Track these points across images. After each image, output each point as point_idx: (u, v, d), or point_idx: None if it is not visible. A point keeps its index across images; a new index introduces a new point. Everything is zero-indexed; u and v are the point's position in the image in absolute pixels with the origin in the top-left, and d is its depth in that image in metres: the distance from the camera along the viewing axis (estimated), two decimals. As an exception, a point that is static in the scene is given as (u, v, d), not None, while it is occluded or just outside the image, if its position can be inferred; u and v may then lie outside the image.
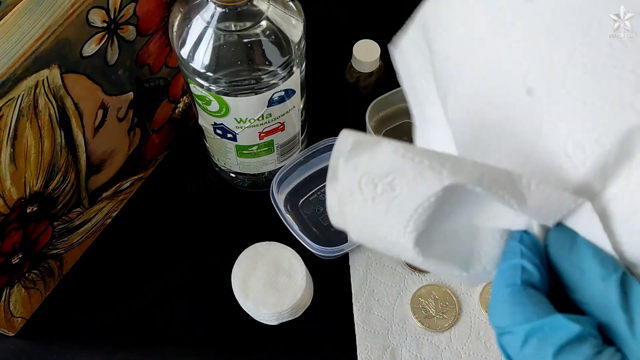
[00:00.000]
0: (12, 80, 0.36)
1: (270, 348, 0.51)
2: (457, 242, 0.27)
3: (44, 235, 0.48)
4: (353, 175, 0.25)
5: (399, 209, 0.25)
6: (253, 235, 0.53)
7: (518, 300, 0.24)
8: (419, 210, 0.24)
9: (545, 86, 0.24)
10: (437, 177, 0.23)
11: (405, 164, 0.24)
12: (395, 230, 0.25)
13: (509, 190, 0.23)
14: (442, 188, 0.24)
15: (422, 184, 0.24)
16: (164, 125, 0.56)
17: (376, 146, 0.24)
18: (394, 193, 0.24)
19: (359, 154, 0.24)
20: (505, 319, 0.25)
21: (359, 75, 0.59)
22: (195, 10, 0.43)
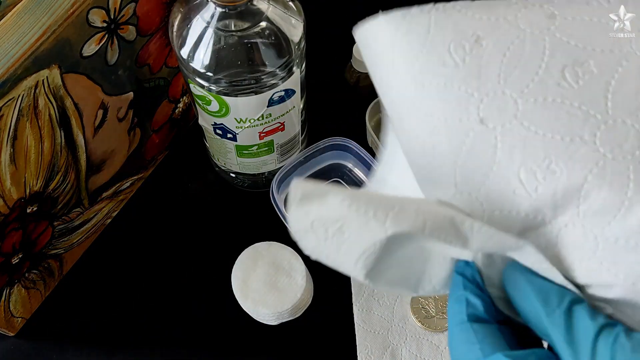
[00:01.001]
0: (12, 80, 0.36)
1: (270, 348, 0.51)
2: (408, 266, 0.28)
3: (44, 235, 0.48)
4: (305, 219, 0.26)
5: (348, 250, 0.26)
6: (253, 235, 0.53)
7: (466, 338, 0.26)
8: (366, 253, 0.26)
9: (498, 116, 0.26)
10: (381, 227, 0.25)
11: (350, 214, 0.25)
12: (347, 264, 0.27)
13: (451, 234, 0.25)
14: (386, 237, 0.25)
15: (367, 232, 0.25)
16: (164, 125, 0.56)
17: (325, 197, 0.26)
18: (344, 236, 0.26)
19: (309, 202, 0.26)
20: (458, 358, 0.26)
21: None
22: (195, 10, 0.43)
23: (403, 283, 0.29)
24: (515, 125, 0.25)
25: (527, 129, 0.25)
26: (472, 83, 0.26)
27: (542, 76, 0.26)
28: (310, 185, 0.26)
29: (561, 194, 0.25)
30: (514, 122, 0.25)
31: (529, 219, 0.25)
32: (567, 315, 0.24)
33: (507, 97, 0.26)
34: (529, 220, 0.25)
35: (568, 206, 0.25)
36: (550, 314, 0.24)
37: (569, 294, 0.25)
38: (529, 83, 0.26)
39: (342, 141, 0.56)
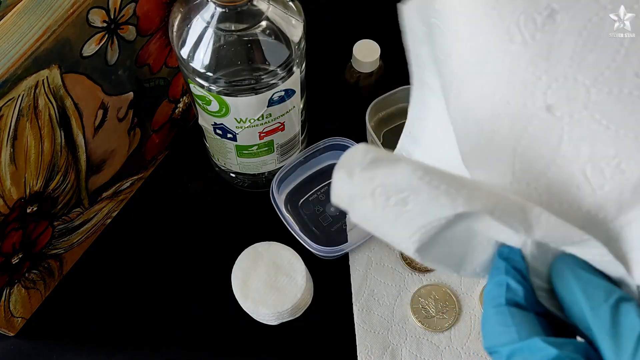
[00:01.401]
0: (12, 80, 0.36)
1: (270, 348, 0.51)
2: (454, 245, 0.27)
3: (44, 235, 0.48)
4: (368, 184, 0.25)
5: (407, 222, 0.25)
6: (253, 235, 0.53)
7: (502, 320, 0.26)
8: (427, 227, 0.25)
9: (567, 105, 0.24)
10: (452, 203, 0.24)
11: (421, 186, 0.24)
12: (399, 237, 0.26)
13: (518, 220, 0.24)
14: (454, 214, 0.24)
15: (436, 207, 0.24)
16: (164, 125, 0.56)
17: (395, 164, 0.24)
18: (406, 207, 0.25)
19: (377, 167, 0.24)
20: (491, 339, 0.26)
21: (359, 75, 0.59)
22: (195, 10, 0.43)
23: (447, 261, 0.28)
24: (585, 116, 0.23)
25: (599, 122, 0.23)
26: (540, 65, 0.24)
27: (620, 64, 0.23)
28: (380, 150, 0.25)
29: (629, 194, 0.23)
30: (583, 113, 0.23)
31: (590, 215, 0.24)
32: (613, 310, 0.24)
33: (578, 84, 0.23)
34: (590, 217, 0.24)
35: (635, 205, 0.23)
36: (596, 308, 0.24)
37: (617, 291, 0.24)
38: (605, 70, 0.23)
39: (342, 141, 0.56)
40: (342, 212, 0.56)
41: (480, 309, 0.52)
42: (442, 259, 0.27)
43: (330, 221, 0.56)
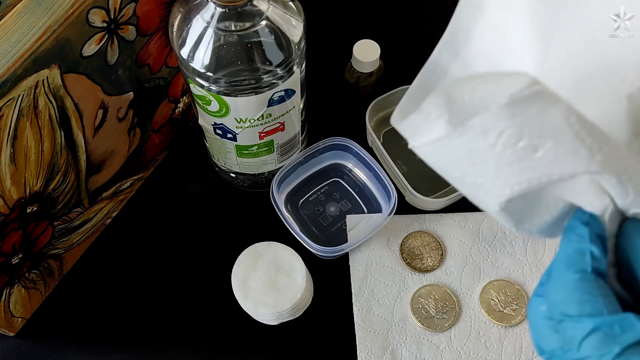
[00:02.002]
0: (12, 80, 0.36)
1: (270, 348, 0.51)
2: (525, 200, 0.26)
3: (44, 235, 0.48)
4: (505, 121, 0.22)
5: (522, 170, 0.23)
6: (253, 235, 0.53)
7: (588, 289, 0.24)
8: (543, 179, 0.23)
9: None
10: (589, 160, 0.22)
11: (568, 135, 0.22)
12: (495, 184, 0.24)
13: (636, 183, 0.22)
14: (585, 171, 0.22)
15: (571, 161, 0.22)
16: (164, 125, 0.56)
17: (551, 106, 0.22)
18: (534, 154, 0.23)
19: (528, 104, 0.22)
20: (572, 308, 0.24)
21: (359, 75, 0.59)
22: (195, 10, 0.43)
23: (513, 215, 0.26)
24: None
25: None
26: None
27: None
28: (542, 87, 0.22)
29: None
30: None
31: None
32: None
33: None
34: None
35: None
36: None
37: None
38: None
39: (342, 141, 0.56)
40: (342, 212, 0.56)
41: (480, 310, 0.52)
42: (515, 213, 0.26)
43: (330, 221, 0.56)
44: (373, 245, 0.55)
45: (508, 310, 0.52)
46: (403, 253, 0.54)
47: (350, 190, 0.58)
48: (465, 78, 0.24)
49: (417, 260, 0.54)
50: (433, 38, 0.76)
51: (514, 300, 0.52)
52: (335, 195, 0.57)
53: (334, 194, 0.58)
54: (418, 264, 0.54)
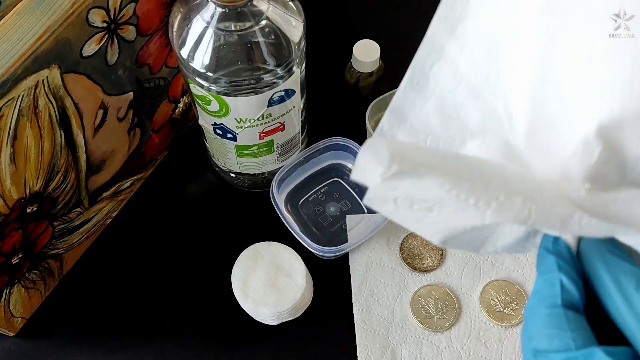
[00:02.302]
0: (12, 80, 0.36)
1: (270, 348, 0.51)
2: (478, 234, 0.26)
3: (44, 235, 0.48)
4: (390, 192, 0.24)
5: (431, 225, 0.25)
6: (253, 235, 0.53)
7: (557, 324, 0.24)
8: (452, 232, 0.25)
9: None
10: (480, 215, 0.23)
11: (448, 199, 0.24)
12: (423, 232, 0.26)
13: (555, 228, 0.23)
14: (482, 225, 0.24)
15: (463, 217, 0.24)
16: (164, 125, 0.56)
17: (421, 177, 0.24)
18: (431, 214, 0.24)
19: (401, 179, 0.24)
20: (542, 343, 0.24)
21: (359, 75, 0.59)
22: (195, 10, 0.43)
23: (469, 245, 0.27)
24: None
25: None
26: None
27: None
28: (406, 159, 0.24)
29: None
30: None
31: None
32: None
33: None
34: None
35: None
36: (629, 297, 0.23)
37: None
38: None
39: (342, 141, 0.56)
40: (342, 212, 0.56)
41: (480, 310, 0.52)
42: (464, 244, 0.27)
43: (330, 221, 0.56)
44: (373, 245, 0.55)
45: (508, 310, 0.52)
46: (403, 253, 0.54)
47: (350, 190, 0.58)
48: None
49: (417, 260, 0.54)
50: (433, 38, 0.75)
51: (514, 300, 0.52)
52: (335, 195, 0.57)
53: (334, 194, 0.58)
54: (418, 264, 0.54)
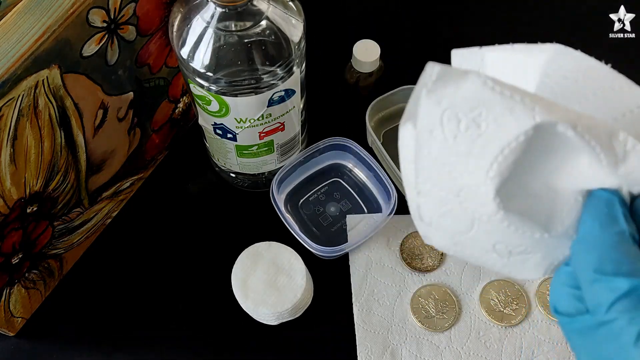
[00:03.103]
0: (12, 80, 0.36)
1: (270, 348, 0.51)
2: (538, 200, 0.25)
3: (44, 235, 0.48)
4: (435, 109, 0.23)
5: (482, 149, 0.23)
6: (253, 235, 0.53)
7: (626, 250, 0.23)
8: (505, 151, 0.23)
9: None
10: (529, 113, 0.22)
11: (494, 98, 0.22)
12: (476, 175, 0.23)
13: (602, 142, 0.22)
14: (533, 126, 0.22)
15: (512, 120, 0.22)
16: (164, 125, 0.56)
17: (463, 78, 0.22)
18: (479, 130, 0.23)
19: (443, 85, 0.22)
20: (608, 265, 0.23)
21: (359, 75, 0.59)
22: (195, 10, 0.43)
23: (535, 217, 0.25)
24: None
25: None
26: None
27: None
28: (447, 66, 0.23)
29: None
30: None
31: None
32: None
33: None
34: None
35: None
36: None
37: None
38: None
39: (342, 141, 0.56)
40: (342, 212, 0.56)
41: (480, 309, 0.52)
42: (527, 212, 0.25)
43: (330, 221, 0.56)
44: (373, 245, 0.55)
45: (508, 310, 0.52)
46: (403, 253, 0.54)
47: (350, 190, 0.58)
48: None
49: (417, 260, 0.54)
50: (433, 38, 0.76)
51: (514, 300, 0.52)
52: (335, 195, 0.57)
53: (334, 194, 0.58)
54: (418, 264, 0.54)
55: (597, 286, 0.23)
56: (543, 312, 0.51)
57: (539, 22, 0.68)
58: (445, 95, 0.22)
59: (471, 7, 0.70)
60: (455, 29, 0.68)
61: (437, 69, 0.22)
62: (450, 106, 0.23)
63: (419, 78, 0.23)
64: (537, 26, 0.68)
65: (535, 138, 0.22)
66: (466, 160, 0.23)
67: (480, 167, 0.23)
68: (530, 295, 0.52)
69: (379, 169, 0.55)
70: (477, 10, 0.70)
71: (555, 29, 0.68)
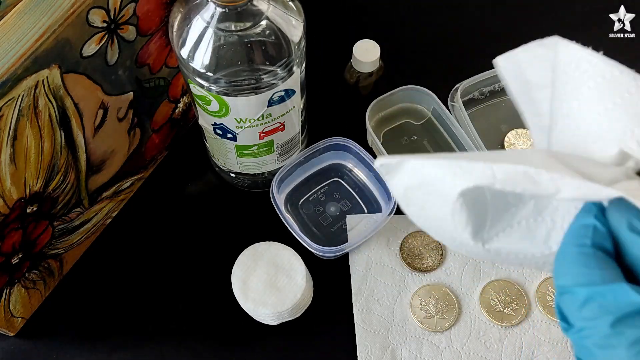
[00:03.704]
0: (12, 80, 0.36)
1: (270, 348, 0.51)
2: (533, 222, 0.27)
3: (43, 235, 0.48)
4: (400, 191, 0.27)
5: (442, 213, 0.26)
6: (253, 235, 0.53)
7: (584, 261, 0.24)
8: (455, 216, 0.26)
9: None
10: (451, 185, 0.25)
11: (424, 178, 0.26)
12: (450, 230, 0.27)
13: (526, 187, 0.24)
14: (458, 194, 0.25)
15: (443, 195, 0.25)
16: (164, 125, 0.56)
17: (399, 167, 0.26)
18: (431, 201, 0.26)
19: (392, 177, 0.27)
20: (568, 279, 0.24)
21: (359, 75, 0.59)
22: (195, 10, 0.43)
23: (527, 240, 0.27)
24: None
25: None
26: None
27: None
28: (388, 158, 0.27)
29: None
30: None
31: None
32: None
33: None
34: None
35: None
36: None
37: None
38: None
39: (342, 141, 0.56)
40: (342, 212, 0.56)
41: (480, 309, 0.52)
42: (520, 241, 0.27)
43: (330, 221, 0.56)
44: (373, 245, 0.55)
45: (508, 310, 0.52)
46: (403, 253, 0.54)
47: (350, 190, 0.58)
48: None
49: (417, 260, 0.54)
50: (433, 38, 0.76)
51: (514, 300, 0.52)
52: (335, 195, 0.57)
53: (334, 194, 0.58)
54: (418, 264, 0.54)
55: (564, 300, 0.25)
56: (543, 312, 0.51)
57: (539, 22, 0.68)
58: (397, 182, 0.27)
59: (471, 7, 0.70)
60: (455, 29, 0.68)
61: (381, 167, 0.27)
62: (406, 188, 0.27)
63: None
64: (537, 26, 0.68)
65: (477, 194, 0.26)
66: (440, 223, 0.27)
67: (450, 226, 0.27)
68: (530, 295, 0.52)
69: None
70: (477, 10, 0.70)
71: (556, 29, 0.67)
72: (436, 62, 0.65)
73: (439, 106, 0.58)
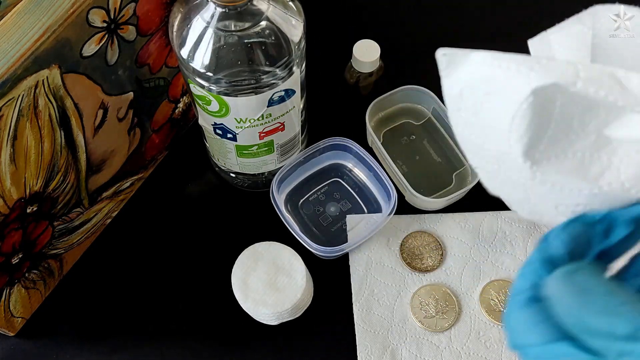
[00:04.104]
0: (12, 80, 0.36)
1: (270, 348, 0.51)
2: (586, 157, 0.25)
3: (43, 235, 0.48)
4: (454, 91, 0.25)
5: (499, 119, 0.24)
6: (253, 235, 0.53)
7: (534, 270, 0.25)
8: (516, 119, 0.23)
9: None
10: (525, 80, 0.23)
11: (493, 73, 0.23)
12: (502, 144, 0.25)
13: (612, 88, 0.22)
14: (532, 91, 0.22)
15: (512, 90, 0.23)
16: (164, 125, 0.56)
17: (465, 59, 0.24)
18: (491, 104, 0.24)
19: (454, 68, 0.25)
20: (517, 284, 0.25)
21: (359, 75, 0.59)
22: (195, 10, 0.43)
23: (579, 173, 0.25)
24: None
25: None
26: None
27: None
28: (453, 50, 0.25)
29: None
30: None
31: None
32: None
33: None
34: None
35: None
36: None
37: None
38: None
39: (342, 141, 0.56)
40: (342, 212, 0.56)
41: (480, 309, 0.52)
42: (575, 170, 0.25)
43: (330, 221, 0.56)
44: (373, 245, 0.55)
45: (508, 310, 0.52)
46: (403, 253, 0.54)
47: (350, 190, 0.58)
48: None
49: (417, 260, 0.54)
50: (433, 38, 0.76)
51: (514, 300, 0.52)
52: (335, 195, 0.57)
53: (334, 194, 0.58)
54: (418, 264, 0.54)
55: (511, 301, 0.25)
56: (543, 312, 0.51)
57: (539, 21, 0.68)
58: (456, 77, 0.25)
59: (471, 7, 0.70)
60: (455, 29, 0.68)
61: (443, 57, 0.25)
62: (463, 86, 0.25)
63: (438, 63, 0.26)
64: (537, 26, 0.68)
65: (547, 100, 0.23)
66: (492, 132, 0.25)
67: (503, 136, 0.24)
68: (530, 295, 0.52)
69: (379, 169, 0.55)
70: (477, 9, 0.70)
71: (555, 29, 0.68)
72: (436, 62, 0.65)
73: (439, 106, 0.58)
